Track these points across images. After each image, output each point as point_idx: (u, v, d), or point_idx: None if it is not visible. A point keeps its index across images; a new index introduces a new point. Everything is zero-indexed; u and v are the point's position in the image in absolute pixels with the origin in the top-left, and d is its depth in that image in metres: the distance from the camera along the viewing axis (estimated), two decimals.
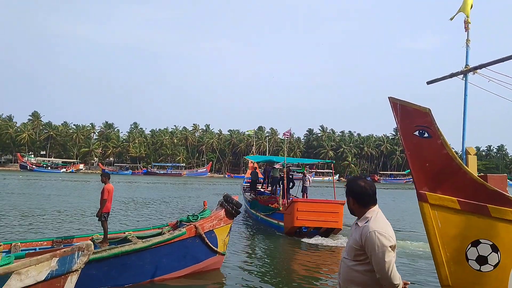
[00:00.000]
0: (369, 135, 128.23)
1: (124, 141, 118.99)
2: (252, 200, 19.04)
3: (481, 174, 4.62)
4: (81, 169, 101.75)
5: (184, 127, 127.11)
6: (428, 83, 5.35)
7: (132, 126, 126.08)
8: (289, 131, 29.15)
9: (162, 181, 63.46)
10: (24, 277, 4.66)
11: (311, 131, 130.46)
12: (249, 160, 28.08)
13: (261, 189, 22.71)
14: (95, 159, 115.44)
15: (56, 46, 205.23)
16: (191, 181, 69.82)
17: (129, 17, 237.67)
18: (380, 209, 2.93)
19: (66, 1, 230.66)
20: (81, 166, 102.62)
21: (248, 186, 22.83)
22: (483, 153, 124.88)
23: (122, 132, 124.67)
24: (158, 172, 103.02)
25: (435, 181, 4.25)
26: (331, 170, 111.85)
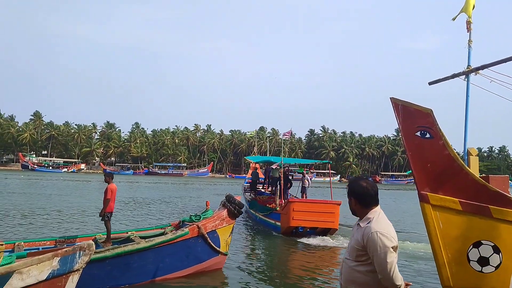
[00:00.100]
0: (371, 135, 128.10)
1: (125, 141, 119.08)
2: (251, 200, 19.06)
3: (483, 175, 4.61)
4: (83, 169, 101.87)
5: (186, 127, 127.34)
6: (430, 83, 5.35)
7: (134, 126, 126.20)
8: (289, 131, 29.16)
9: (163, 181, 63.47)
10: (25, 276, 4.67)
11: (312, 131, 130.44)
12: (249, 160, 28.11)
13: (262, 189, 22.72)
14: (96, 159, 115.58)
15: (57, 46, 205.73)
16: (192, 181, 69.83)
17: (129, 17, 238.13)
18: (382, 209, 2.93)
19: (66, 1, 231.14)
20: (82, 166, 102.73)
21: (248, 186, 22.85)
22: (485, 154, 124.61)
23: (123, 132, 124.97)
24: (159, 172, 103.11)
25: (436, 182, 4.25)
26: (333, 170, 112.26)
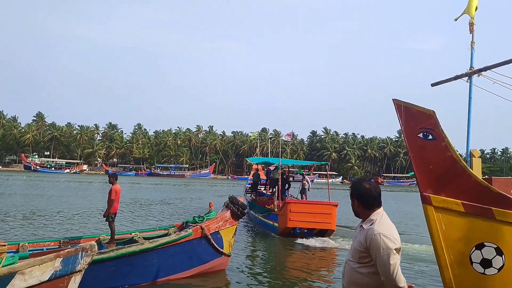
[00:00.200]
0: (373, 137, 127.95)
1: (127, 142, 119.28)
2: (252, 201, 19.08)
3: (486, 177, 4.60)
4: (85, 170, 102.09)
5: (188, 129, 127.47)
6: (433, 85, 5.34)
7: (136, 127, 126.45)
8: (291, 133, 29.21)
9: (165, 182, 63.51)
10: (28, 277, 4.68)
11: (314, 133, 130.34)
12: (249, 162, 28.20)
13: (264, 190, 22.73)
14: (98, 160, 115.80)
15: (57, 46, 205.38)
16: (194, 182, 69.85)
17: (130, 17, 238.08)
18: (384, 211, 2.92)
19: (66, 1, 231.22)
20: (84, 167, 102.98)
21: (250, 187, 22.87)
22: (488, 155, 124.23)
23: (125, 133, 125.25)
24: (161, 173, 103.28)
25: (439, 183, 4.24)
26: (334, 172, 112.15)
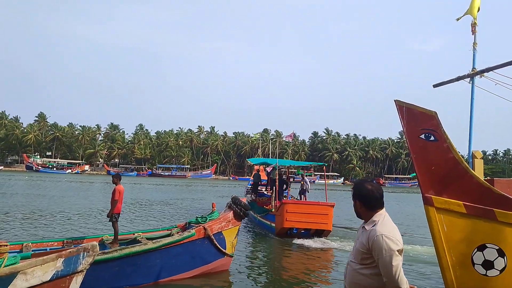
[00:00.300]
0: (375, 138, 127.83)
1: (129, 142, 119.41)
2: (251, 202, 19.14)
3: (488, 178, 4.59)
4: (87, 170, 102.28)
5: (189, 129, 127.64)
6: (435, 86, 5.33)
7: (138, 127, 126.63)
8: (292, 134, 29.29)
9: (167, 182, 63.57)
10: (30, 277, 4.68)
11: (316, 134, 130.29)
12: (249, 162, 28.28)
13: (265, 191, 22.74)
14: (100, 160, 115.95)
15: (59, 47, 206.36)
16: (196, 183, 69.88)
17: (130, 17, 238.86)
18: (387, 212, 2.92)
19: (66, 1, 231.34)
20: (86, 167, 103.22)
21: (251, 188, 22.93)
22: (489, 157, 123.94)
23: (127, 133, 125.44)
24: (163, 173, 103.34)
25: (441, 184, 4.23)
26: (336, 173, 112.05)
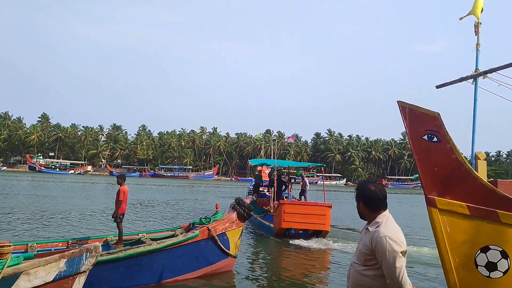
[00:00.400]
0: (377, 139, 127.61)
1: (132, 143, 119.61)
2: (252, 202, 19.18)
3: (491, 180, 4.57)
4: (89, 170, 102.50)
5: (192, 130, 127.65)
6: (438, 87, 5.32)
7: (140, 128, 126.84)
8: (294, 135, 29.28)
9: (169, 183, 63.65)
10: (32, 277, 4.70)
11: (318, 135, 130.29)
12: (250, 163, 28.35)
13: (267, 192, 22.75)
14: (103, 161, 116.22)
15: (61, 47, 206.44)
16: (198, 183, 69.96)
17: (131, 18, 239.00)
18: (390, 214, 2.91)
19: (66, 1, 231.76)
20: (89, 168, 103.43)
21: (252, 189, 22.97)
22: (493, 158, 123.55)
23: (130, 134, 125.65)
24: (165, 174, 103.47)
25: (444, 186, 4.22)
26: (338, 174, 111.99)
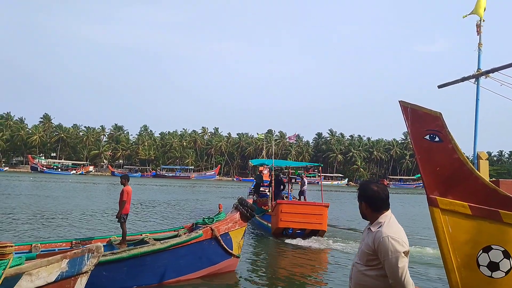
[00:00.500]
0: (379, 139, 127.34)
1: (133, 143, 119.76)
2: (253, 202, 19.18)
3: (493, 179, 4.56)
4: (91, 171, 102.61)
5: (194, 130, 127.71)
6: (439, 87, 5.31)
7: (142, 128, 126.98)
8: (294, 135, 29.22)
9: (171, 183, 63.70)
10: (34, 278, 4.70)
11: (320, 135, 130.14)
12: (251, 163, 28.39)
13: (268, 192, 22.76)
14: (104, 161, 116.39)
15: (62, 47, 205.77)
16: (200, 184, 70.00)
17: (132, 18, 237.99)
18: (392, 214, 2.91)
19: (66, 2, 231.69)
20: (91, 168, 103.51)
21: (253, 189, 23.01)
22: (495, 158, 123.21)
23: (131, 134, 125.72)
24: (167, 174, 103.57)
25: (446, 185, 4.21)
26: (340, 174, 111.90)
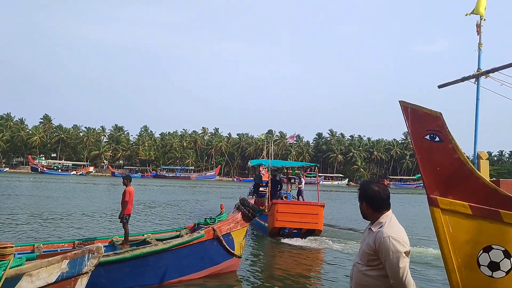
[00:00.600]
0: (379, 139, 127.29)
1: (134, 144, 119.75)
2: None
3: (493, 179, 4.56)
4: (91, 171, 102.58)
5: (194, 131, 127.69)
6: (440, 86, 5.30)
7: (142, 129, 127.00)
8: (294, 135, 29.30)
9: (171, 184, 63.71)
10: (35, 278, 4.69)
11: (320, 135, 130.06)
12: (249, 164, 28.41)
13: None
14: (105, 162, 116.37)
15: (59, 47, 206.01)
16: (200, 184, 70.01)
17: (132, 18, 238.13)
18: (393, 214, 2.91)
19: (68, 2, 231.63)
20: (91, 169, 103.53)
21: (253, 189, 23.01)
22: (495, 158, 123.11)
23: (132, 135, 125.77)
24: (167, 175, 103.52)
25: (446, 185, 4.20)
26: (340, 174, 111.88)
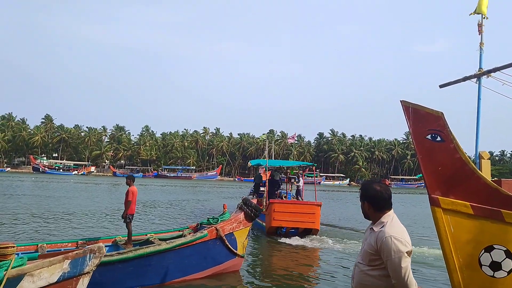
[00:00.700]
0: (380, 139, 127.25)
1: (135, 144, 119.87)
2: None
3: (495, 179, 4.55)
4: (93, 171, 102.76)
5: (195, 131, 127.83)
6: (441, 86, 5.29)
7: (143, 129, 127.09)
8: (294, 135, 29.23)
9: (172, 184, 63.77)
10: (36, 278, 4.70)
11: (321, 135, 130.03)
12: (249, 164, 28.41)
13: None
14: (106, 161, 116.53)
15: (60, 47, 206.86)
16: (201, 184, 70.07)
17: (132, 18, 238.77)
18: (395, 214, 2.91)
19: (68, 2, 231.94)
20: (92, 169, 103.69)
21: (253, 189, 23.06)
22: (497, 158, 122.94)
23: (133, 135, 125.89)
24: (168, 175, 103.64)
25: (447, 185, 4.20)
26: (341, 174, 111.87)
